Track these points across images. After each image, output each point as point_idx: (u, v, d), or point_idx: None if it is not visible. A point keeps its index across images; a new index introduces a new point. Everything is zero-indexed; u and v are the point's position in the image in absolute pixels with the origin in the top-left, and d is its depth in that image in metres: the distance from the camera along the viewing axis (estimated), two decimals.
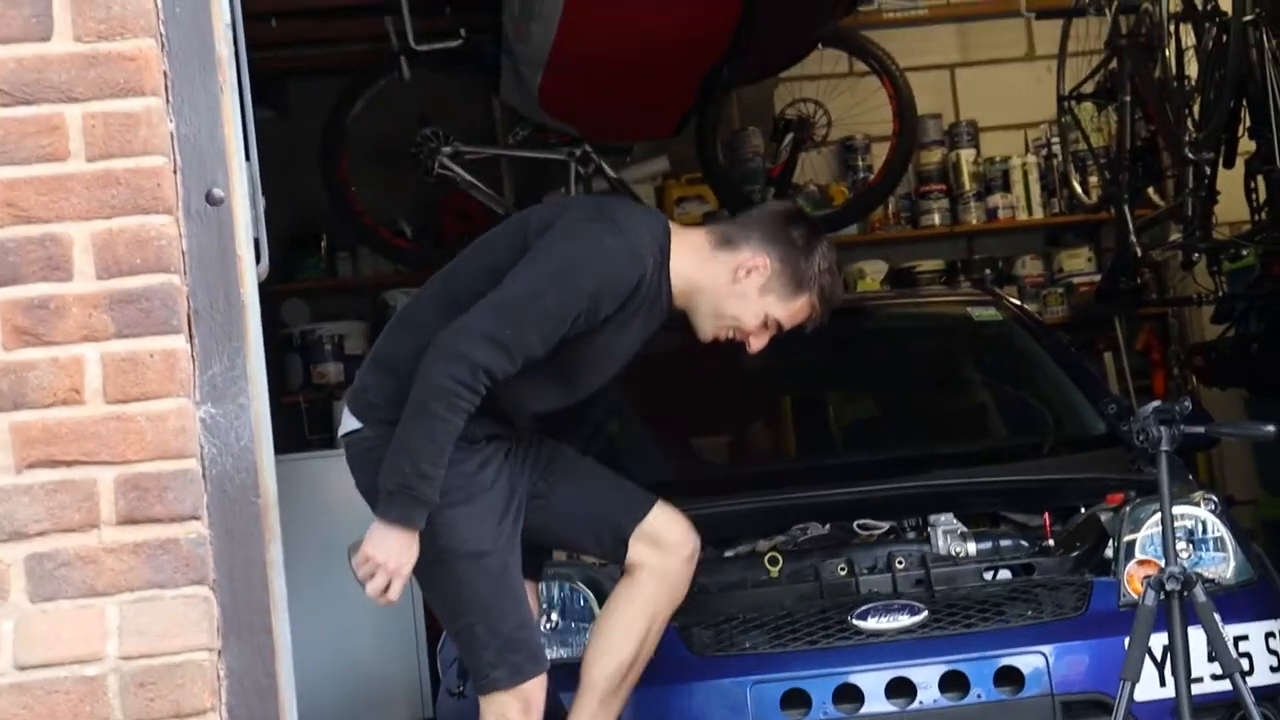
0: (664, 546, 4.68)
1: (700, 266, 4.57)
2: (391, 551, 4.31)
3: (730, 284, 4.55)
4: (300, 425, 8.84)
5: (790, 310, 4.59)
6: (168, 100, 3.28)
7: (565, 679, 4.76)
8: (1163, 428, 4.43)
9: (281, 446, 3.59)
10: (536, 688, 4.52)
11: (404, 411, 4.31)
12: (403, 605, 7.68)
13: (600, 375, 4.64)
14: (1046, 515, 5.27)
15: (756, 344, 4.63)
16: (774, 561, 5.18)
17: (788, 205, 4.77)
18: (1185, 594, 4.31)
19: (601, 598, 5.00)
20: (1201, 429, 4.67)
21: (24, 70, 3.21)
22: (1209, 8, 7.66)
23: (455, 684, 5.19)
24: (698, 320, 4.62)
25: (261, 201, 3.48)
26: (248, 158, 3.44)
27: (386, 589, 4.34)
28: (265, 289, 3.48)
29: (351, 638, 7.68)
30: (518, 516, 4.57)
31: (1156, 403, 4.53)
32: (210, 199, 3.31)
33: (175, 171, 3.27)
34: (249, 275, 3.38)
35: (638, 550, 4.68)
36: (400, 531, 4.31)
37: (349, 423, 4.61)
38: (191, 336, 3.27)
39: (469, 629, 4.52)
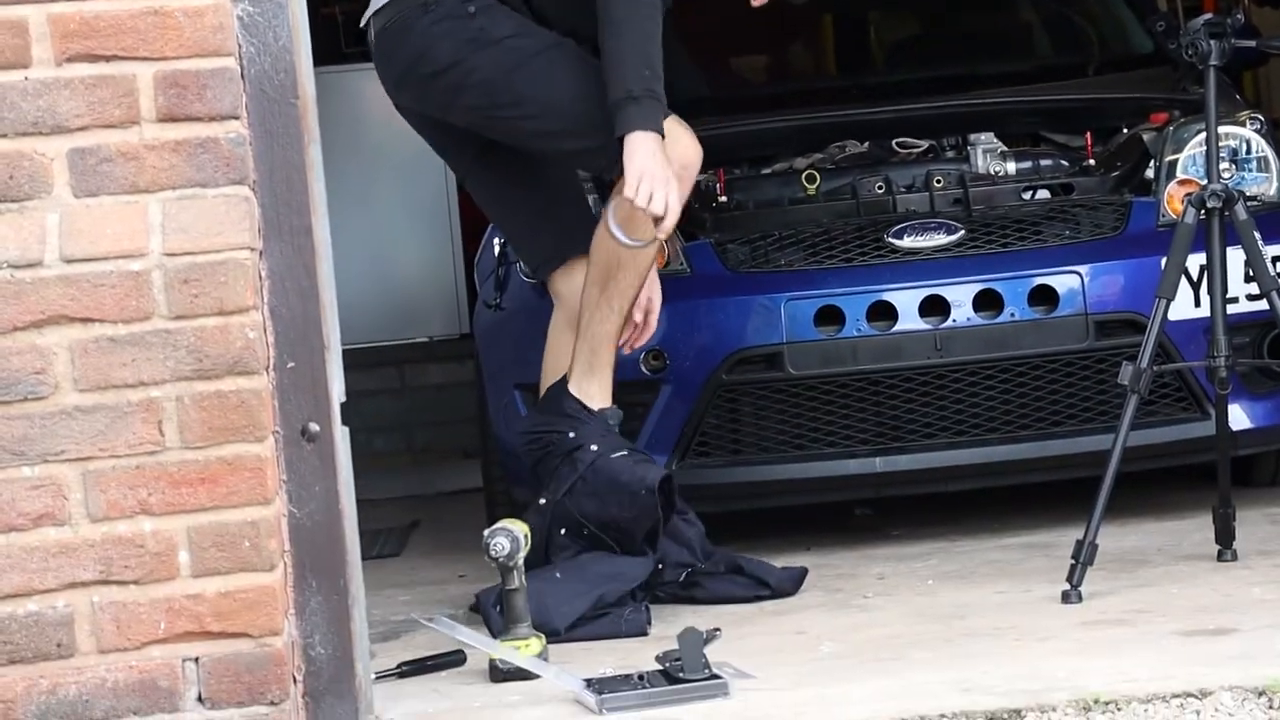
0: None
1: None
2: (660, 161, 4.20)
3: None
4: (337, 37, 8.77)
5: None
6: None
7: None
8: (1213, 41, 4.37)
9: (319, 59, 3.57)
10: None
11: (606, 20, 4.23)
12: (440, 219, 7.76)
13: None
14: (1088, 135, 5.24)
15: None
16: (811, 179, 5.18)
17: None
18: (1226, 212, 4.29)
19: None
20: (1252, 43, 4.61)
21: None
22: None
23: (492, 296, 5.23)
24: None
25: None
26: None
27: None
28: None
29: (389, 252, 7.74)
30: None
31: (1207, 16, 4.47)
32: None
33: None
34: None
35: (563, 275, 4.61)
36: (657, 138, 4.21)
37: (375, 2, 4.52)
38: None
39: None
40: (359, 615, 3.35)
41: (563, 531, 4.42)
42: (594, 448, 4.41)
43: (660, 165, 4.19)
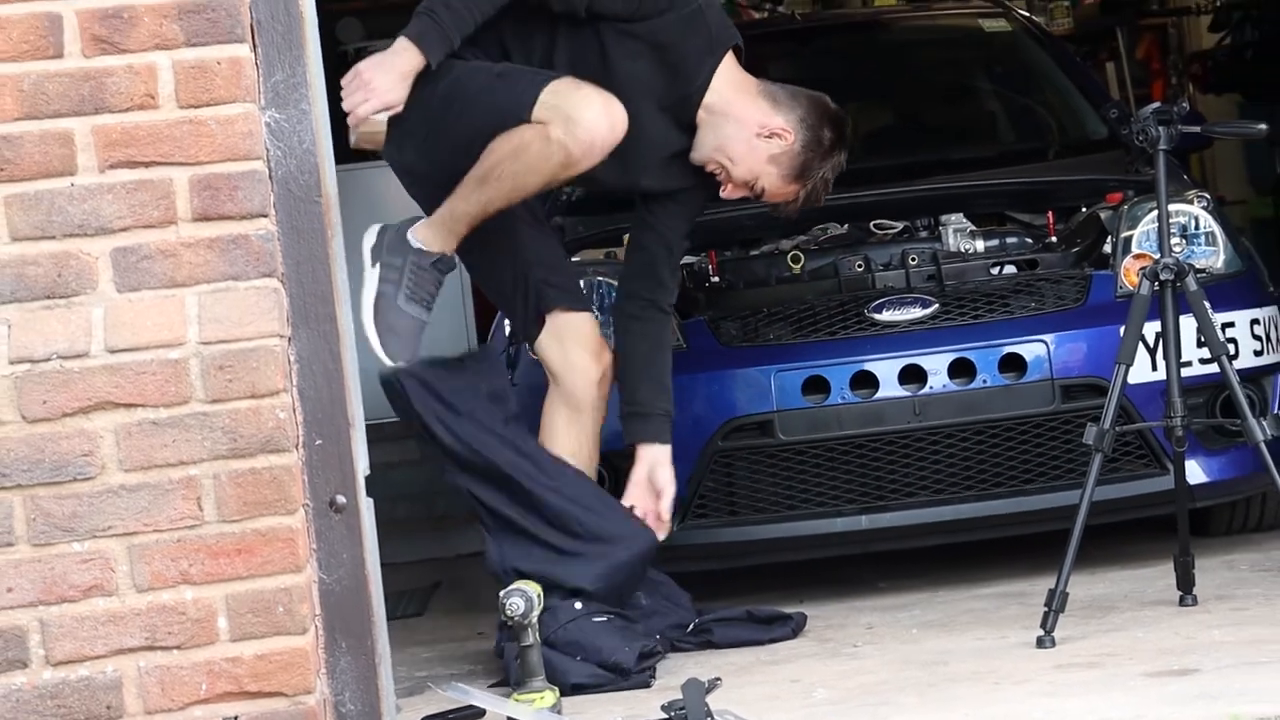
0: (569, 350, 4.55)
1: (739, 99, 4.48)
2: (384, 69, 4.27)
3: (752, 133, 4.47)
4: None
5: (778, 189, 4.52)
6: None
7: None
8: (1161, 127, 4.39)
9: (338, 158, 3.59)
10: None
11: None
12: (455, 298, 7.77)
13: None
14: (1050, 214, 5.25)
15: (728, 194, 4.57)
16: (796, 259, 5.19)
17: (837, 108, 4.67)
18: (1178, 284, 4.31)
19: None
20: (1197, 128, 4.63)
21: None
22: None
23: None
24: (701, 138, 4.48)
25: None
26: None
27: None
28: (321, 7, 3.45)
29: None
30: None
31: (1156, 104, 4.50)
32: None
33: None
34: None
35: (546, 341, 4.57)
36: (407, 53, 4.26)
37: None
38: (255, 45, 3.26)
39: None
40: (385, 673, 3.35)
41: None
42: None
43: (383, 73, 4.26)
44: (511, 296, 4.65)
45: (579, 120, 4.18)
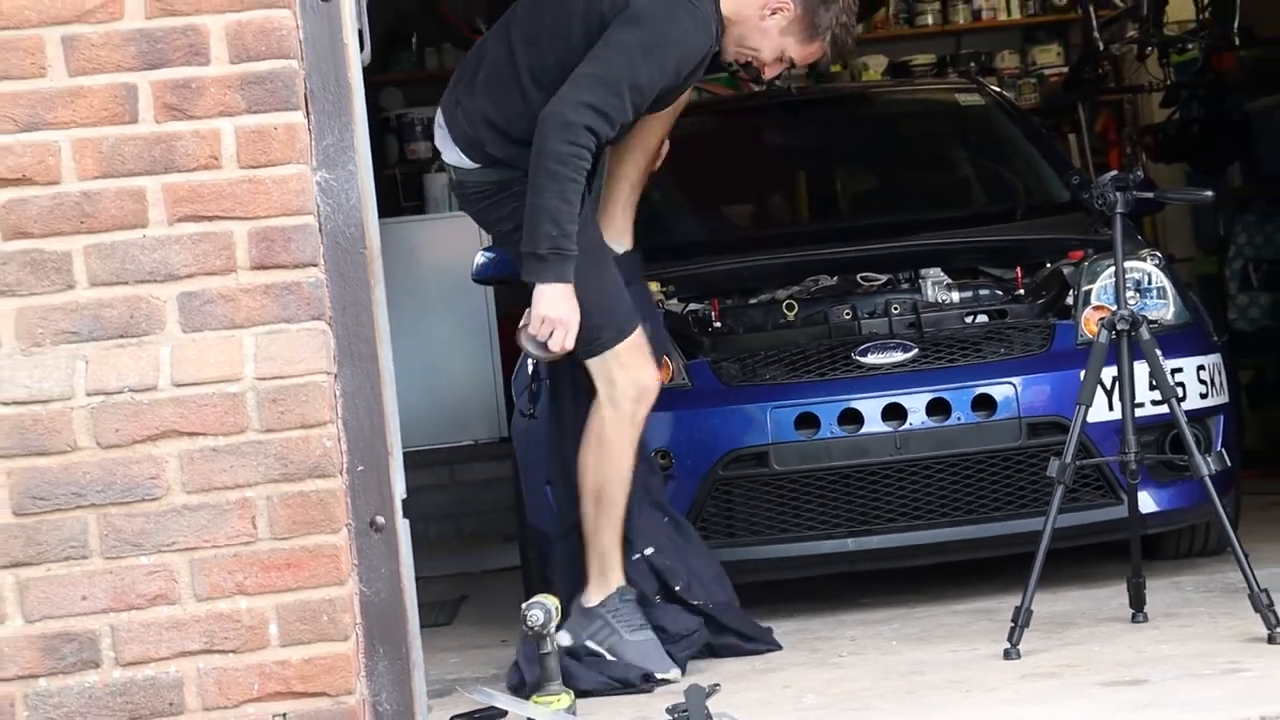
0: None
1: (738, 1, 4.41)
2: (560, 307, 4.16)
3: (757, 20, 4.42)
4: (396, 194, 8.84)
5: (804, 51, 4.46)
6: None
7: None
8: (1118, 193, 4.40)
9: (380, 211, 3.61)
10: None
11: (532, 184, 4.16)
12: (482, 343, 7.79)
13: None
14: (1018, 269, 5.24)
15: (770, 73, 4.54)
16: (790, 307, 5.18)
17: None
18: (1132, 333, 4.32)
19: None
20: (1150, 194, 4.64)
21: None
22: None
23: (527, 406, 5.24)
24: (724, 45, 4.43)
25: None
26: None
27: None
28: (366, 78, 3.45)
29: (440, 371, 7.73)
30: None
31: (1113, 173, 4.51)
32: None
33: None
34: (354, 62, 3.36)
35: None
36: (561, 287, 4.16)
37: (460, 159, 4.45)
38: (308, 113, 3.28)
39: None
40: (418, 676, 3.35)
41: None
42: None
43: (562, 310, 4.16)
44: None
45: (638, 392, 4.35)
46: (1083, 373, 4.35)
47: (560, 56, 4.34)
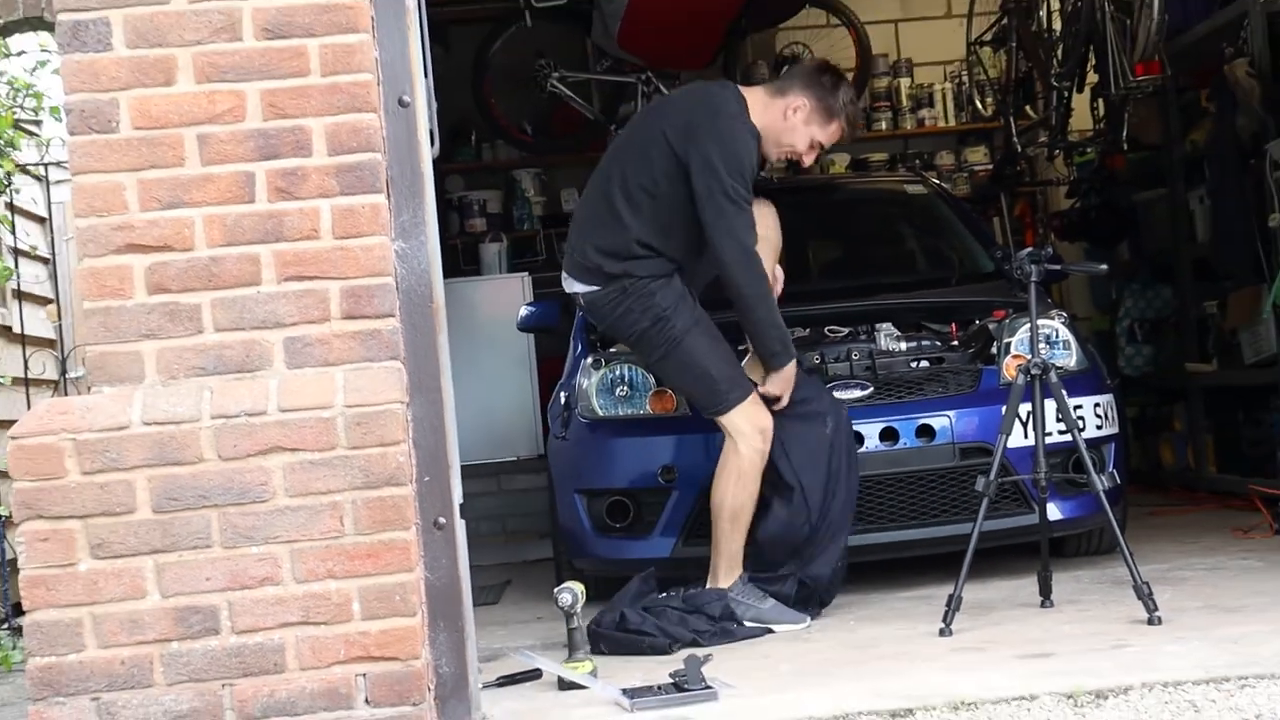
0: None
1: (765, 114, 4.50)
2: (788, 382, 4.49)
3: (784, 121, 4.50)
4: (457, 259, 8.88)
5: (828, 133, 4.56)
6: (374, 36, 3.28)
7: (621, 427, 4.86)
8: (1033, 265, 4.42)
9: (444, 273, 3.62)
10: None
11: (744, 309, 4.40)
12: (523, 378, 7.79)
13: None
14: (954, 325, 5.27)
15: (808, 160, 4.64)
16: None
17: (818, 61, 4.72)
18: (1043, 377, 4.33)
19: (656, 376, 5.02)
20: (1058, 267, 4.66)
21: (281, 15, 3.22)
22: None
23: (560, 430, 5.25)
24: (766, 149, 4.54)
25: (434, 104, 3.48)
26: (425, 75, 3.43)
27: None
28: (434, 168, 3.48)
29: (490, 400, 7.71)
30: None
31: (1029, 249, 4.53)
32: (401, 102, 3.32)
33: (378, 84, 3.28)
34: (426, 155, 3.39)
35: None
36: (788, 369, 4.45)
37: (585, 288, 4.53)
38: (389, 195, 3.29)
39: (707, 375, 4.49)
40: (471, 645, 3.35)
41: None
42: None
43: (788, 383, 4.51)
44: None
45: (763, 435, 4.47)
46: (1004, 408, 4.36)
47: (643, 183, 4.42)
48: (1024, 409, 4.51)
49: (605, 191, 4.52)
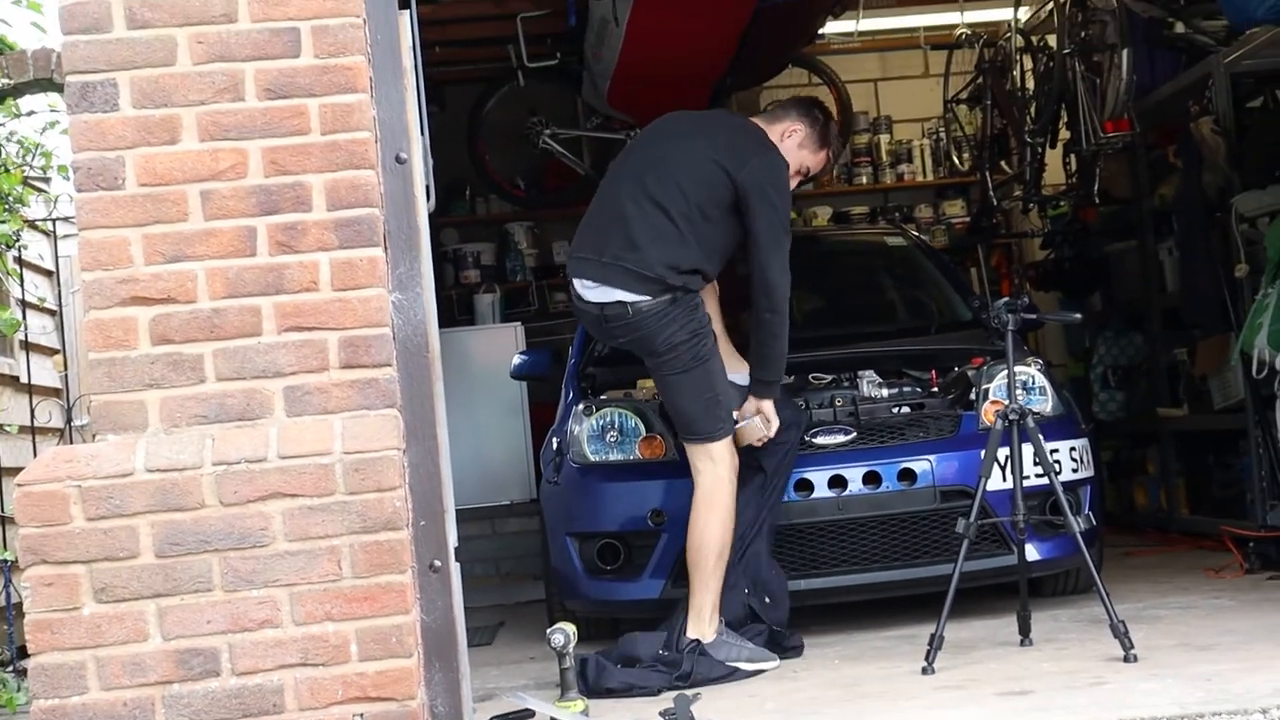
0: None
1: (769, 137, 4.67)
2: (770, 413, 4.60)
3: (780, 143, 4.64)
4: (452, 310, 8.89)
5: (816, 160, 4.74)
6: (372, 96, 3.29)
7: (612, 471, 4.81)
8: (1009, 314, 4.44)
9: (439, 323, 3.62)
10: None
11: (776, 334, 4.50)
12: (516, 425, 7.79)
13: None
14: (933, 371, 5.29)
15: (795, 184, 4.72)
16: None
17: (810, 96, 4.90)
18: (1021, 422, 4.34)
19: (646, 422, 5.03)
20: (1034, 315, 4.68)
21: (283, 76, 3.24)
22: (1041, 44, 7.68)
23: (552, 475, 5.24)
24: None
25: (430, 161, 3.49)
26: (421, 133, 3.44)
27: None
28: (431, 220, 3.49)
29: (484, 446, 7.74)
30: None
31: (1005, 299, 4.55)
32: (398, 159, 3.33)
33: (376, 141, 3.29)
34: (422, 209, 3.39)
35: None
36: (768, 402, 4.60)
37: (634, 297, 4.45)
38: (386, 248, 3.30)
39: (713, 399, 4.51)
40: (466, 686, 3.33)
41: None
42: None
43: (770, 414, 4.60)
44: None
45: (734, 465, 4.54)
46: (983, 452, 4.37)
47: (702, 204, 4.50)
48: (1002, 453, 4.52)
49: (659, 203, 4.48)
